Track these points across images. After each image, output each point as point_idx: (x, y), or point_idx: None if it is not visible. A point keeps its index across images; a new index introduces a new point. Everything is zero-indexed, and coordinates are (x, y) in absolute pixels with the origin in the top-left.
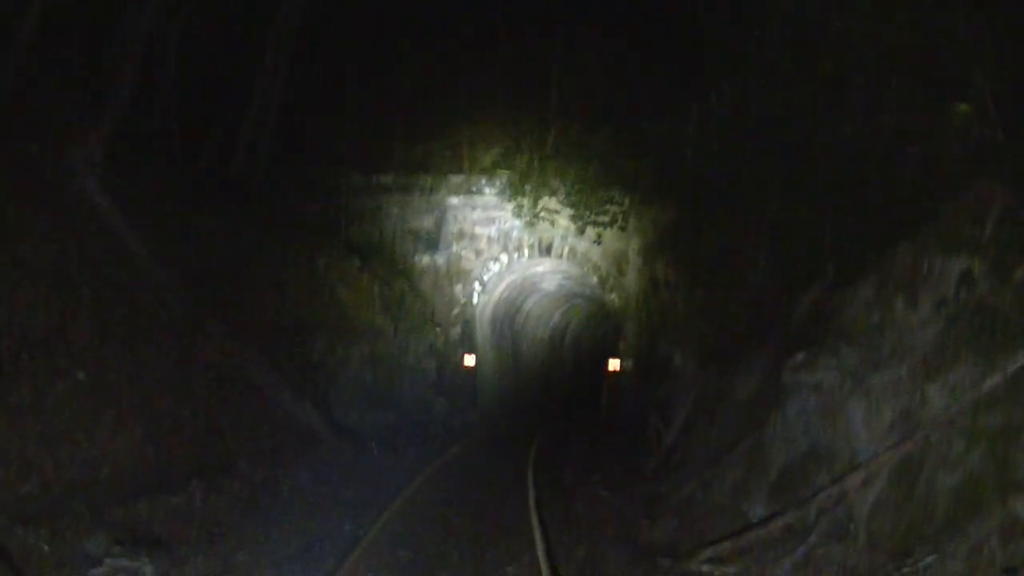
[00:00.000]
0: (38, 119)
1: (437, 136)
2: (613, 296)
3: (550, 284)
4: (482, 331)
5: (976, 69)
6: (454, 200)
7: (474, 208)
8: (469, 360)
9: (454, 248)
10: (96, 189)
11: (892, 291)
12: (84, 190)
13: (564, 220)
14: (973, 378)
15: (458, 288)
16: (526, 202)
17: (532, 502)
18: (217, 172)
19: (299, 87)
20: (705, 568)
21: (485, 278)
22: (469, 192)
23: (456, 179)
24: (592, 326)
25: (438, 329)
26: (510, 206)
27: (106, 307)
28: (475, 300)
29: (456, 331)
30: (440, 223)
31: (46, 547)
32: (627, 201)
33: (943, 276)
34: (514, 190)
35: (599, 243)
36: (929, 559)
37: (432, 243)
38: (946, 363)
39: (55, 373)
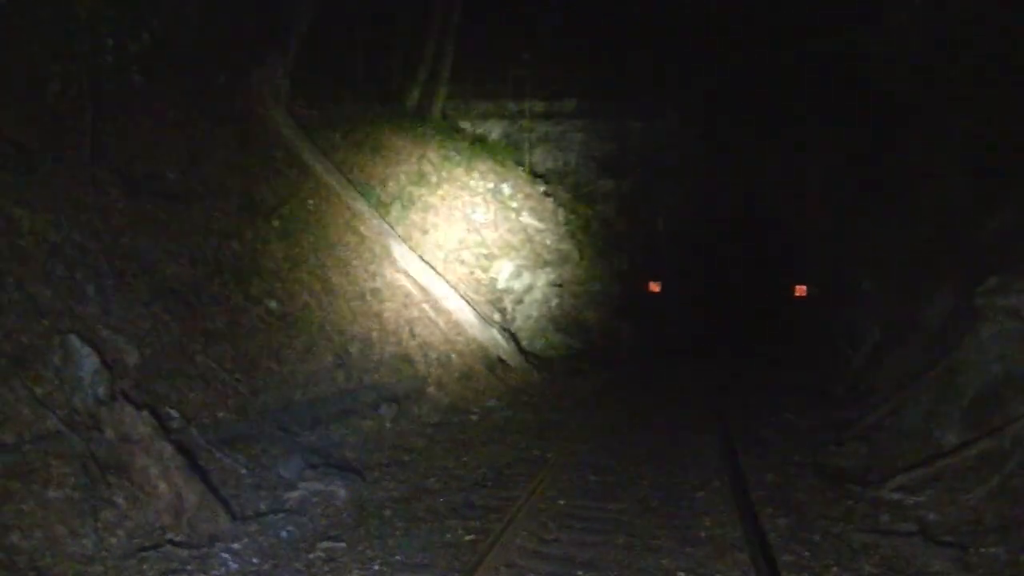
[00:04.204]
0: (224, 49)
1: (621, 59)
2: (799, 219)
3: (736, 208)
4: (668, 256)
5: None
6: (638, 124)
7: (657, 132)
8: (655, 286)
9: (638, 173)
10: (283, 117)
11: None
12: (271, 118)
13: (748, 143)
14: None
15: (642, 213)
16: (708, 125)
17: (718, 427)
18: (397, 97)
19: (478, 13)
20: (896, 496)
21: (670, 203)
22: (651, 116)
23: (637, 103)
24: (778, 249)
25: (623, 255)
26: (696, 130)
27: (297, 234)
28: (660, 226)
29: (642, 256)
30: (624, 148)
31: (243, 470)
32: (809, 123)
33: None
34: (697, 113)
35: (782, 166)
36: None
37: (616, 168)
38: None
39: (248, 299)
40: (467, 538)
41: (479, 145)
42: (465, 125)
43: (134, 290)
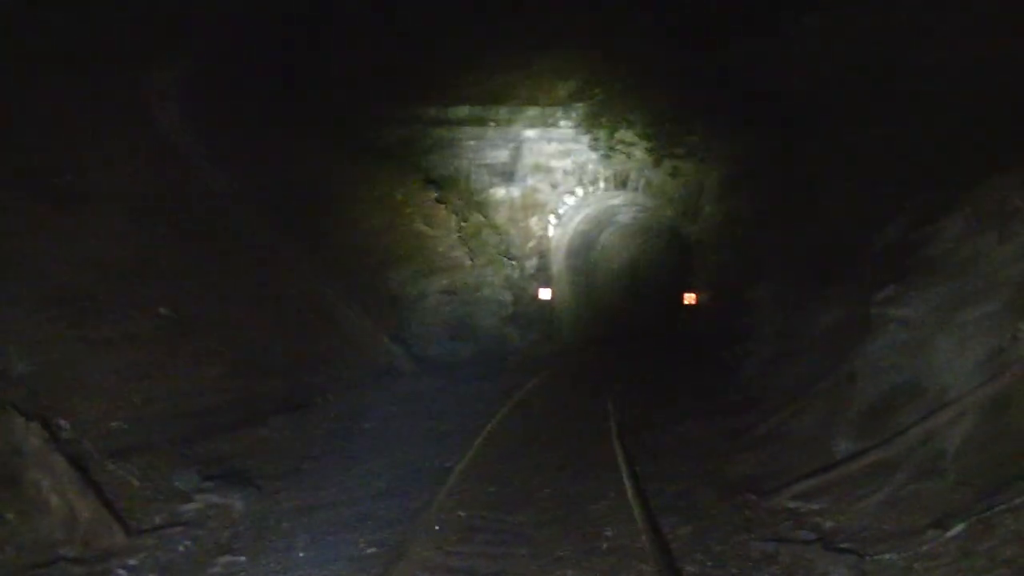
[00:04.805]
0: (121, 51)
1: (512, 68)
2: (690, 229)
3: (625, 217)
4: (558, 264)
5: None
6: (530, 133)
7: (550, 141)
8: (545, 293)
9: (530, 181)
10: (176, 121)
11: (982, 225)
12: (165, 122)
13: (640, 152)
14: None
15: (534, 221)
16: (602, 134)
17: (616, 435)
18: (297, 102)
19: (373, 17)
20: (791, 504)
21: (561, 211)
22: (545, 125)
23: (531, 111)
24: (668, 259)
25: (514, 262)
26: (586, 139)
27: (189, 240)
28: (551, 233)
29: (532, 263)
30: (516, 156)
31: (137, 482)
32: (704, 133)
33: None
34: (590, 122)
35: (675, 175)
36: (1023, 497)
37: (508, 176)
38: None
39: (140, 307)
40: (370, 551)
41: (374, 151)
42: (362, 130)
43: (23, 296)
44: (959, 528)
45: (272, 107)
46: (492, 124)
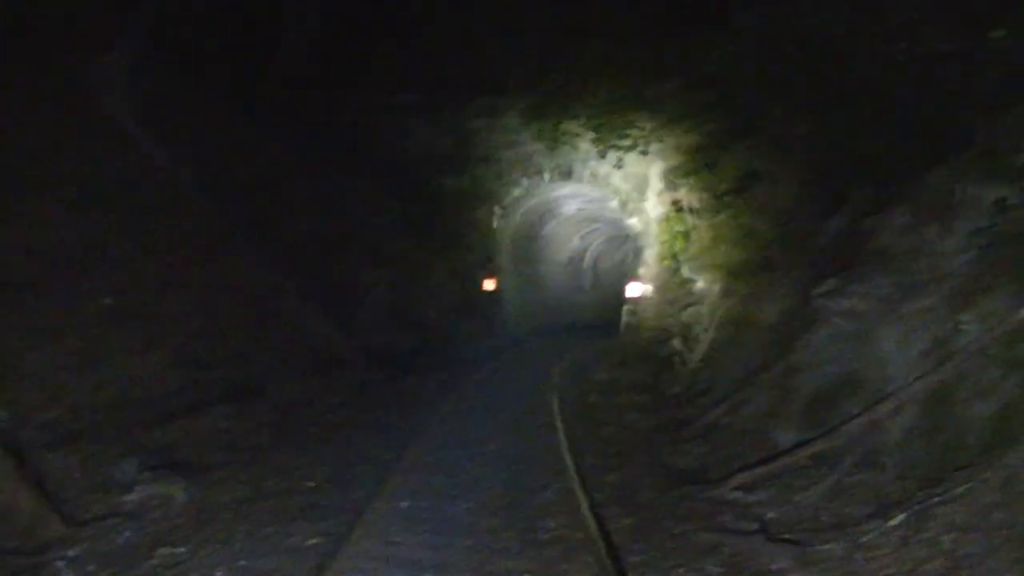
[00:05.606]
0: (63, 34)
1: (460, 58)
2: (634, 220)
3: (570, 208)
4: (503, 254)
5: None
6: (476, 122)
7: (495, 130)
8: (490, 283)
9: (476, 171)
10: (125, 106)
11: (925, 218)
12: (112, 107)
13: (585, 144)
14: (1008, 307)
15: (480, 211)
16: (548, 125)
17: (561, 427)
18: (246, 90)
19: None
20: (735, 495)
21: (506, 201)
22: (491, 114)
23: (477, 101)
24: (612, 250)
25: (462, 252)
26: (532, 129)
27: (135, 228)
28: (496, 223)
29: (478, 254)
30: (462, 145)
31: (77, 472)
32: (649, 124)
33: (978, 203)
34: (535, 112)
35: (620, 167)
36: (963, 487)
37: (454, 165)
38: (980, 291)
39: (84, 295)
40: (312, 541)
41: (319, 138)
42: (307, 117)
43: None
44: (900, 518)
45: (219, 95)
46: (440, 113)
